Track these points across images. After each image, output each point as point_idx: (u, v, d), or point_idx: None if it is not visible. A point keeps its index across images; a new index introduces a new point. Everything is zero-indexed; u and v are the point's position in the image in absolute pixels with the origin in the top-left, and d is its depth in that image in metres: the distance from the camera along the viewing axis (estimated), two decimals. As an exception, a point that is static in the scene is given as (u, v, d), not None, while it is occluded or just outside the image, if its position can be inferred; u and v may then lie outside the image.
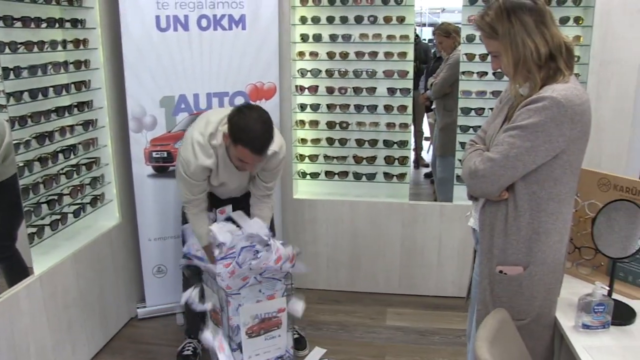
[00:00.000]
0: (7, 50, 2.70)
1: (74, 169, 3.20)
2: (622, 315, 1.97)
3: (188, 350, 3.22)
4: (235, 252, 2.70)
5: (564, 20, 3.54)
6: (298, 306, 2.94)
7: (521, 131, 1.76)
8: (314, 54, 3.91)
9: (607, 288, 2.01)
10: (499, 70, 1.91)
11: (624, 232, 1.98)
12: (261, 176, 2.96)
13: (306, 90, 3.95)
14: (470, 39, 3.68)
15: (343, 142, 3.98)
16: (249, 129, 2.53)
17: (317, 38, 3.87)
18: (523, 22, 1.75)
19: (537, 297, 1.92)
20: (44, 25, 2.96)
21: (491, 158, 1.84)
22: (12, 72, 2.73)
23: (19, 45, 2.78)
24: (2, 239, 2.83)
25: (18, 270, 2.66)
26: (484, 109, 3.77)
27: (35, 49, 2.89)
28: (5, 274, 2.76)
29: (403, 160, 3.97)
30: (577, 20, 3.59)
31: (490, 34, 1.82)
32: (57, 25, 3.06)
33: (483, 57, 3.67)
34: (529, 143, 1.76)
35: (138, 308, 3.75)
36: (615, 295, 2.05)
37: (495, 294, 1.96)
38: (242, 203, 3.04)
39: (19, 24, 2.79)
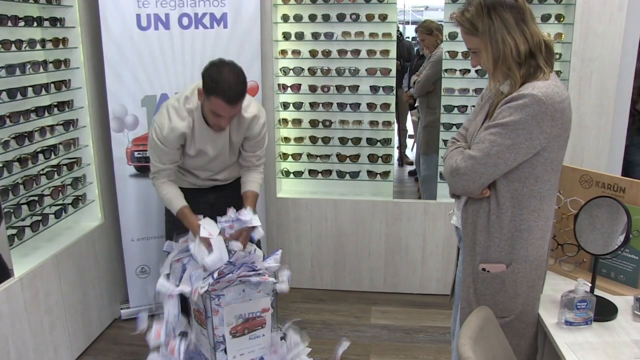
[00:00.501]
0: (-17, 49, 2.67)
1: (55, 169, 3.16)
2: (604, 312, 1.98)
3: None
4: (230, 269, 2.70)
5: (546, 18, 3.56)
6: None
7: (502, 129, 1.77)
8: (296, 52, 3.90)
9: (590, 284, 2.02)
10: (479, 67, 1.91)
11: (606, 229, 2.00)
12: (246, 147, 2.94)
13: (289, 88, 3.94)
14: (452, 36, 3.69)
15: (326, 140, 3.98)
16: (222, 79, 2.53)
17: (299, 36, 3.86)
18: (503, 19, 1.76)
19: (520, 294, 1.93)
20: (21, 23, 2.92)
21: (472, 156, 1.83)
22: (-11, 71, 2.70)
23: (-5, 44, 2.75)
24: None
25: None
26: (466, 106, 3.79)
27: (13, 48, 2.86)
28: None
29: (387, 159, 3.97)
30: (559, 17, 3.61)
31: (470, 30, 1.82)
32: (35, 24, 3.02)
33: (465, 55, 3.68)
34: (510, 140, 1.76)
35: (121, 309, 3.73)
36: (597, 292, 2.06)
37: (479, 291, 1.96)
38: (228, 197, 3.01)
39: (-5, 22, 2.75)
